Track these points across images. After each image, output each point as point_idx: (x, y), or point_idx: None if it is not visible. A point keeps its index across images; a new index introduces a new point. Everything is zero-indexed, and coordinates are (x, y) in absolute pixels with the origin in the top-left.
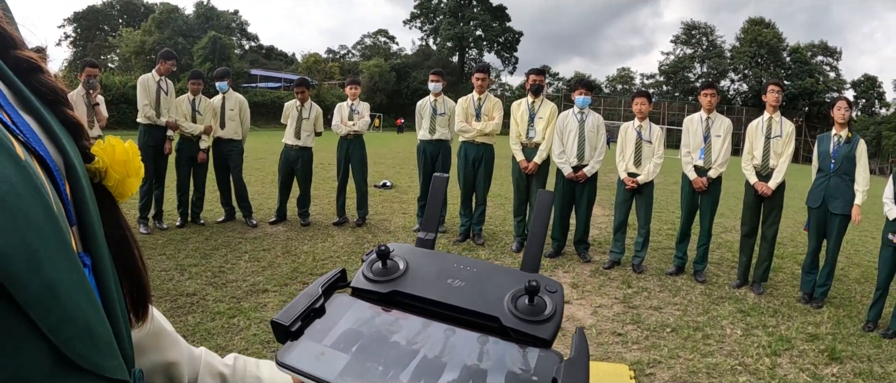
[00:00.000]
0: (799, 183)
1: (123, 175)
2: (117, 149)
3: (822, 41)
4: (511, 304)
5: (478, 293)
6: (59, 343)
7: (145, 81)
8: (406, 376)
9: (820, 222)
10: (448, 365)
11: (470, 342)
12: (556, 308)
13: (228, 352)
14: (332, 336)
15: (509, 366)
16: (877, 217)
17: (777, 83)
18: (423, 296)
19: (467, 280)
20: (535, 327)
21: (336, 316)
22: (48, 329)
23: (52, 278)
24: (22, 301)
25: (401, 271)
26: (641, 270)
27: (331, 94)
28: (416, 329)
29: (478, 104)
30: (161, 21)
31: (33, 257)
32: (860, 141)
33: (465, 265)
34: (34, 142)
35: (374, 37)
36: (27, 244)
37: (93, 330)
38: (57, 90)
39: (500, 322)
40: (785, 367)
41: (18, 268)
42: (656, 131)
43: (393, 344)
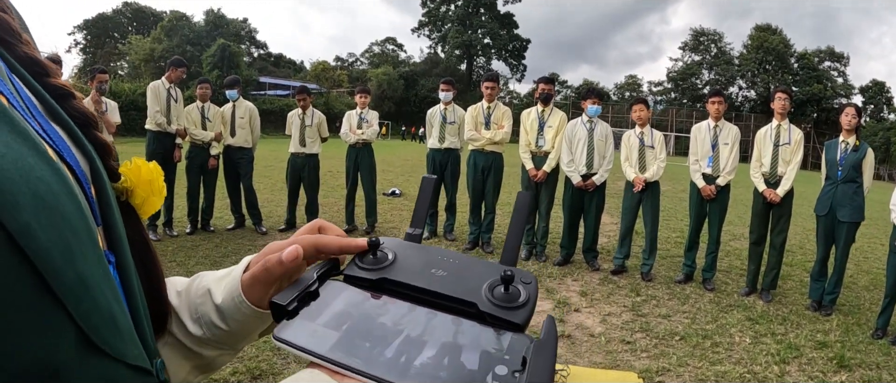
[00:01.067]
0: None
1: (148, 194)
2: (143, 170)
3: (829, 47)
4: (488, 292)
5: (458, 281)
6: (88, 329)
7: (156, 88)
8: (390, 351)
9: (828, 230)
10: (428, 343)
11: (449, 324)
12: (530, 296)
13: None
14: (324, 316)
15: (484, 346)
16: (885, 223)
17: (784, 90)
18: (408, 283)
19: (449, 270)
20: (510, 313)
21: (329, 299)
22: (79, 316)
23: (83, 271)
24: (58, 290)
25: (389, 261)
26: (650, 278)
27: (339, 101)
28: (402, 312)
29: (487, 113)
30: (170, 29)
31: (68, 251)
32: (869, 150)
33: (449, 257)
34: (62, 149)
35: (383, 45)
36: (63, 239)
37: (117, 320)
38: (87, 115)
39: (478, 307)
40: (794, 375)
41: (56, 261)
42: (658, 136)
43: (380, 325)
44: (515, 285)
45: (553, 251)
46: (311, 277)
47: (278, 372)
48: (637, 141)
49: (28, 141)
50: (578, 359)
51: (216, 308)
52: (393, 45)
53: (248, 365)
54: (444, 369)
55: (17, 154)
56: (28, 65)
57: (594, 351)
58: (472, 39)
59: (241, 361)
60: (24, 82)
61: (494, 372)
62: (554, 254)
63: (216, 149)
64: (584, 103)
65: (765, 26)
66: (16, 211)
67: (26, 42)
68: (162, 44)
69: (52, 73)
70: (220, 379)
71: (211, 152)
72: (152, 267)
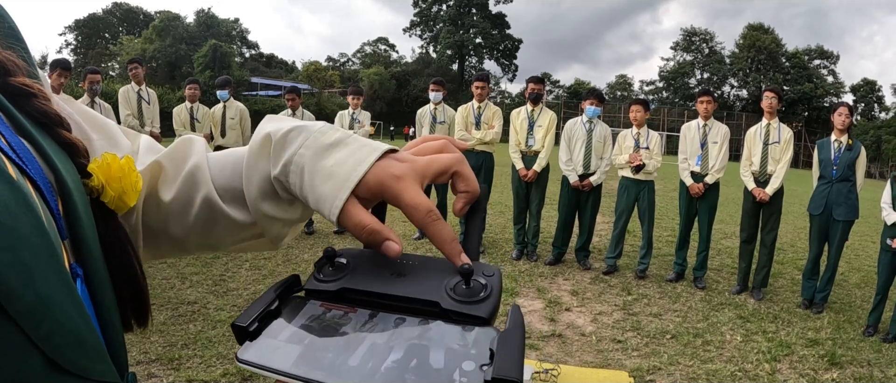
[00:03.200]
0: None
1: (119, 191)
2: (112, 166)
3: (819, 45)
4: (449, 289)
5: (418, 282)
6: (49, 351)
7: (126, 92)
8: (355, 360)
9: (822, 229)
10: (394, 347)
11: (414, 327)
12: (493, 288)
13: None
14: (286, 333)
15: (449, 344)
16: (876, 221)
17: (773, 89)
18: (368, 290)
19: (409, 272)
20: (473, 307)
21: (290, 316)
22: (38, 338)
23: (42, 291)
24: (15, 313)
25: (347, 269)
26: (644, 277)
27: (331, 102)
28: (364, 319)
29: (477, 112)
30: (161, 29)
31: (25, 272)
32: (862, 148)
33: (407, 259)
34: (28, 162)
35: (374, 45)
36: (20, 260)
37: (81, 337)
38: (49, 114)
39: (440, 305)
40: (785, 373)
41: (12, 283)
42: (654, 137)
43: (343, 334)
44: (476, 279)
45: (544, 251)
46: (271, 296)
47: None
48: (632, 141)
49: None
50: (569, 359)
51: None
52: (385, 46)
53: (238, 367)
54: (410, 371)
55: None
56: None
57: (585, 351)
58: (463, 39)
59: (231, 362)
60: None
61: (461, 368)
62: (545, 253)
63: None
64: (584, 104)
65: (757, 25)
66: None
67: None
68: (153, 44)
69: (13, 71)
70: (212, 380)
71: None
72: (132, 270)
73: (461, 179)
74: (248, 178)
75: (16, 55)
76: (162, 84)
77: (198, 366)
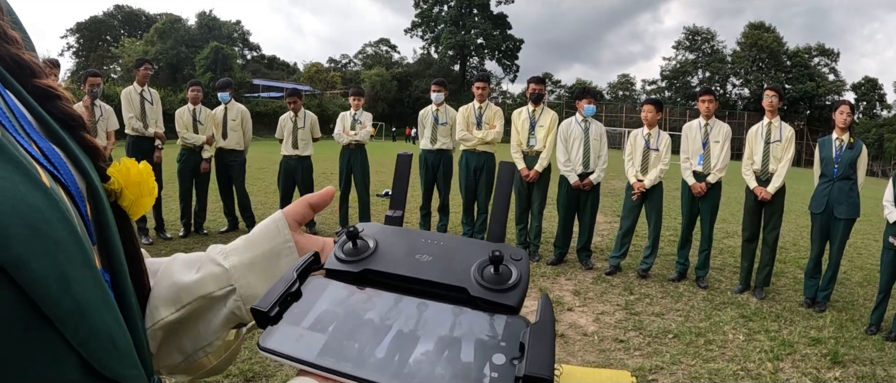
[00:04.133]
0: (801, 187)
1: (137, 195)
2: (132, 171)
3: (820, 44)
4: (477, 274)
5: (445, 266)
6: (86, 355)
7: (128, 94)
8: (382, 351)
9: (823, 227)
10: (421, 337)
11: (441, 314)
12: (522, 275)
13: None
14: (309, 318)
15: (478, 334)
16: (878, 220)
17: (774, 88)
18: (393, 273)
19: (435, 254)
20: (502, 295)
21: (312, 298)
22: (77, 343)
23: (80, 296)
24: (54, 319)
25: (371, 249)
26: (646, 276)
27: (333, 103)
28: (390, 305)
29: (479, 113)
30: (163, 31)
31: (64, 278)
32: (863, 147)
33: (433, 239)
34: (60, 168)
35: (376, 46)
36: (58, 266)
37: (116, 342)
38: (74, 116)
39: (468, 292)
40: (787, 372)
41: (51, 290)
42: (664, 139)
43: (368, 321)
44: (505, 264)
45: (546, 250)
46: (292, 276)
47: (271, 374)
48: (643, 142)
49: (20, 168)
50: (571, 358)
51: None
52: (386, 46)
53: (241, 368)
54: (439, 364)
55: (7, 183)
56: (12, 67)
57: (587, 350)
58: (465, 40)
59: (234, 364)
60: (20, 99)
61: (491, 361)
62: (547, 253)
63: (208, 152)
64: (579, 103)
65: (758, 24)
66: (7, 243)
67: (13, 41)
68: (155, 46)
69: (39, 73)
70: (213, 381)
71: (203, 155)
72: (143, 278)
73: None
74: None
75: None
76: (163, 86)
77: None
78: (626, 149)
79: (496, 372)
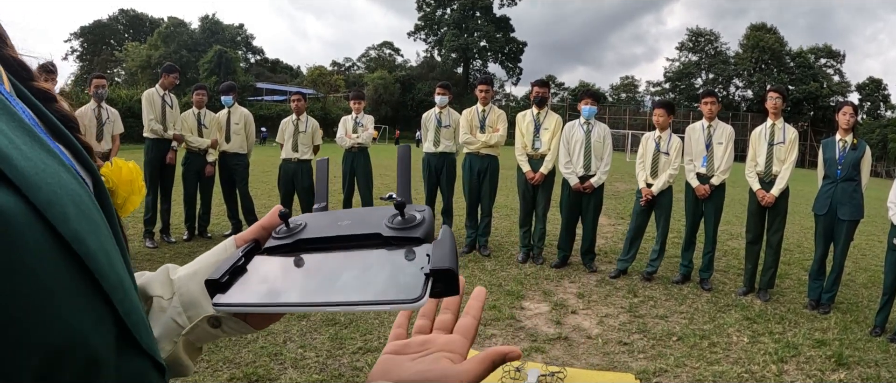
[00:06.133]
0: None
1: (129, 193)
2: (123, 170)
3: (825, 45)
4: (388, 223)
5: (361, 224)
6: (130, 326)
7: (150, 96)
8: (312, 283)
9: (827, 228)
10: (345, 272)
11: (361, 256)
12: (425, 217)
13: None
14: (253, 279)
15: (392, 259)
16: (882, 221)
17: (777, 89)
18: (319, 236)
19: (353, 219)
20: (409, 231)
21: (255, 268)
22: (123, 313)
23: (121, 274)
24: (107, 289)
25: (302, 226)
26: (651, 279)
27: (336, 106)
28: (319, 258)
29: (482, 116)
30: (167, 35)
31: (108, 255)
32: (867, 147)
33: (351, 213)
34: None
35: (379, 49)
36: (104, 245)
37: (144, 319)
38: (70, 117)
39: (381, 235)
40: (792, 374)
41: (102, 264)
42: (675, 143)
43: (302, 270)
44: (410, 212)
45: (550, 253)
46: (238, 255)
47: (275, 377)
48: (653, 145)
49: (57, 158)
50: (575, 361)
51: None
52: (389, 50)
53: (245, 371)
54: (361, 280)
55: (53, 169)
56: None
57: (591, 353)
58: (468, 43)
59: (238, 367)
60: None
61: (404, 271)
62: (551, 256)
63: (212, 155)
64: (579, 105)
65: (760, 25)
66: (66, 220)
67: (11, 46)
68: (158, 50)
69: (33, 74)
70: None
71: (207, 159)
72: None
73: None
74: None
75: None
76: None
77: (204, 371)
78: (639, 153)
79: (408, 277)
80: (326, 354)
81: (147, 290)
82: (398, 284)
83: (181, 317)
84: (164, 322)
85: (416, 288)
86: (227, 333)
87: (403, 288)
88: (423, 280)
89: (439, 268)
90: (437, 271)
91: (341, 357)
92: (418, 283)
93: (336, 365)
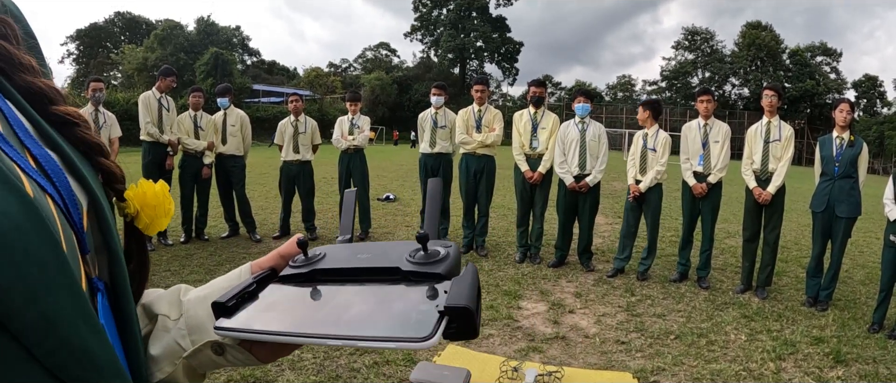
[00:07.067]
0: (802, 185)
1: (153, 217)
2: (148, 194)
3: (822, 42)
4: (409, 257)
5: (382, 257)
6: (53, 367)
7: (146, 99)
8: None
9: (825, 226)
10: (357, 302)
11: (378, 290)
12: (449, 252)
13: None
14: (260, 306)
15: (408, 295)
16: (879, 217)
17: (773, 87)
18: (336, 268)
19: (374, 252)
20: (430, 266)
21: (266, 296)
22: (41, 355)
23: (48, 308)
24: (15, 331)
25: (320, 257)
26: (646, 278)
27: (333, 107)
28: (333, 290)
29: (478, 116)
30: (163, 37)
31: (29, 289)
32: (864, 145)
33: (374, 246)
34: (54, 174)
35: (376, 50)
36: (24, 277)
37: (91, 353)
38: (89, 143)
39: (400, 269)
40: (790, 371)
41: (14, 301)
42: (662, 139)
43: (312, 301)
44: (434, 248)
45: (548, 253)
46: (249, 280)
47: (273, 379)
48: (642, 142)
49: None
50: (573, 360)
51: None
52: (386, 51)
53: (242, 373)
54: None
55: None
56: (27, 94)
57: (589, 352)
58: (464, 43)
59: (235, 368)
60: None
61: (419, 309)
62: (548, 256)
63: (209, 157)
64: (573, 104)
65: (755, 23)
66: None
67: (29, 69)
68: (155, 53)
69: (58, 100)
70: None
71: (204, 161)
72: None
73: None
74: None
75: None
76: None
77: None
78: (630, 150)
79: (421, 315)
80: (324, 356)
81: (153, 308)
82: (409, 321)
83: (185, 340)
84: (167, 342)
85: (427, 327)
86: (231, 363)
87: (414, 325)
88: (436, 318)
89: (454, 306)
90: (452, 309)
91: (338, 358)
92: (430, 321)
93: (333, 366)
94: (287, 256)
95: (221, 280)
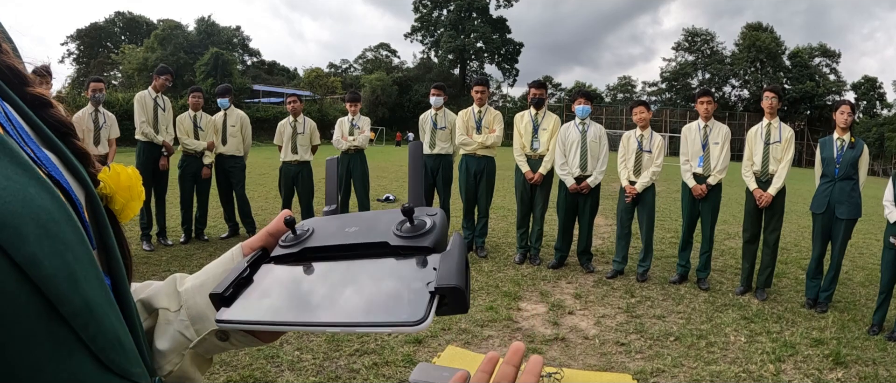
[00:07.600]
0: (802, 187)
1: (127, 199)
2: (122, 176)
3: (821, 44)
4: (396, 230)
5: (369, 230)
6: (97, 351)
7: (142, 98)
8: (315, 299)
9: (825, 227)
10: (350, 284)
11: (369, 266)
12: (435, 223)
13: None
14: (257, 293)
15: (400, 272)
16: (879, 219)
17: (773, 89)
18: (326, 245)
19: (361, 225)
20: (418, 239)
21: (260, 279)
22: (87, 339)
23: (88, 295)
24: (67, 315)
25: (309, 234)
26: (645, 279)
27: (333, 108)
28: (325, 269)
29: (478, 117)
30: (163, 37)
31: (72, 277)
32: (864, 146)
33: (361, 217)
34: (56, 175)
35: (376, 51)
36: (68, 265)
37: (120, 340)
38: (65, 123)
39: (389, 244)
40: (789, 373)
41: (62, 287)
42: (657, 140)
43: (306, 284)
44: (419, 217)
45: (547, 254)
46: (243, 265)
47: (272, 380)
48: (635, 144)
49: (28, 171)
50: (573, 362)
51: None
52: (386, 51)
53: (241, 374)
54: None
55: (18, 185)
56: (7, 75)
57: (588, 354)
58: (465, 44)
59: (235, 370)
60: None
61: (409, 287)
62: (548, 257)
63: (209, 158)
64: (573, 105)
65: (755, 25)
66: (21, 242)
67: (6, 52)
68: (155, 53)
69: (30, 81)
70: None
71: (204, 161)
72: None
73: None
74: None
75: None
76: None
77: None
78: (620, 152)
79: (413, 295)
80: (323, 356)
81: (153, 302)
82: (402, 303)
83: (188, 331)
84: (171, 334)
85: (420, 309)
86: (236, 346)
87: (407, 307)
88: (427, 299)
89: (444, 286)
90: (443, 289)
91: (338, 359)
92: (422, 302)
93: (333, 367)
94: (276, 234)
95: (215, 265)
